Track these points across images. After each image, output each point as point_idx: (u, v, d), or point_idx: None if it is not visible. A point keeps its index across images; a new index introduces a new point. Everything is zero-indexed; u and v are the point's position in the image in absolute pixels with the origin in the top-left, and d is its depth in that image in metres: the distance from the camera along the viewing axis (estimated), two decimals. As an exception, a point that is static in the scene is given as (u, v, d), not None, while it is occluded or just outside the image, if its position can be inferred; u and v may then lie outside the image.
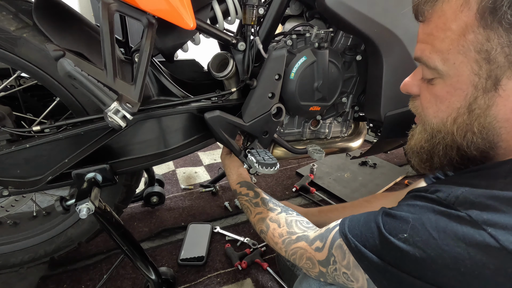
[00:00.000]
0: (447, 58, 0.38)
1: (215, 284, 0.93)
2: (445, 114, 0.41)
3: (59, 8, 0.68)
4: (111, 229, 0.71)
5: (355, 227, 0.45)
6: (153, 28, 0.59)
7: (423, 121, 0.46)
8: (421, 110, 0.46)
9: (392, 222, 0.39)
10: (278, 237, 0.60)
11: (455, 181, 0.40)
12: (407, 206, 0.40)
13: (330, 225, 0.51)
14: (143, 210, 1.26)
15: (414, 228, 0.36)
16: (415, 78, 0.47)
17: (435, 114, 0.43)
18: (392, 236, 0.38)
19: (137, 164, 0.77)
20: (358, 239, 0.43)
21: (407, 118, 0.87)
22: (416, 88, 0.46)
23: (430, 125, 0.44)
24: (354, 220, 0.46)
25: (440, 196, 0.37)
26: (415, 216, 0.37)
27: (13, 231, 0.89)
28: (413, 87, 0.47)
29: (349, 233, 0.44)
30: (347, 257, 0.44)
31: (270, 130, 0.82)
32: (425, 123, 0.45)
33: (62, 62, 0.49)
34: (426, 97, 0.44)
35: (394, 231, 0.38)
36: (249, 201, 0.71)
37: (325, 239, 0.49)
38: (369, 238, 0.41)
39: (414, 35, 0.77)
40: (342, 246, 0.45)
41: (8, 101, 0.81)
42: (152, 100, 0.77)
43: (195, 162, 1.69)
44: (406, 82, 0.48)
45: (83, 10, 2.19)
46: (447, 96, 0.40)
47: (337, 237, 0.47)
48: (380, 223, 0.41)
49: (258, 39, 0.75)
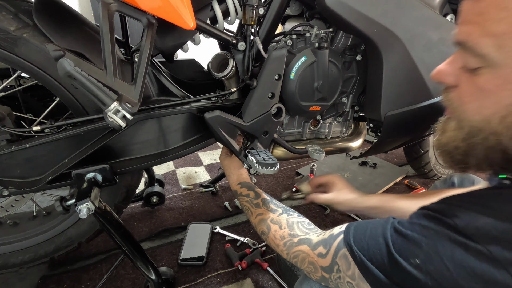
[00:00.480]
0: (503, 44, 0.32)
1: (215, 284, 0.93)
2: (491, 111, 0.35)
3: (59, 8, 0.68)
4: (111, 229, 0.71)
5: (361, 239, 0.42)
6: (153, 28, 0.59)
7: (459, 117, 0.39)
8: (458, 105, 0.39)
9: (402, 242, 0.37)
10: (280, 239, 0.59)
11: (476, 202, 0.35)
12: (420, 227, 0.36)
13: (334, 231, 0.49)
14: (143, 210, 1.26)
15: (427, 255, 0.34)
16: (453, 66, 0.39)
17: (478, 110, 0.36)
18: (402, 258, 0.36)
19: (137, 164, 0.77)
20: (365, 253, 0.41)
21: (407, 118, 0.88)
22: (453, 78, 0.39)
23: (469, 122, 0.38)
24: (360, 229, 0.44)
25: (458, 223, 0.33)
26: (429, 241, 0.34)
27: (13, 231, 0.88)
28: (449, 76, 0.40)
29: (354, 245, 0.42)
30: (352, 268, 0.43)
31: (270, 130, 0.82)
32: (462, 120, 0.39)
33: (62, 62, 0.49)
34: (467, 90, 0.37)
35: (404, 253, 0.36)
36: (249, 202, 0.71)
37: (329, 246, 0.48)
38: (376, 254, 0.39)
39: (414, 35, 0.78)
40: (347, 257, 0.43)
41: (8, 101, 0.81)
42: (152, 100, 0.77)
43: (195, 162, 1.69)
44: (440, 70, 0.41)
45: (83, 10, 2.19)
46: (496, 90, 0.34)
47: (341, 246, 0.45)
48: (389, 240, 0.38)
49: (258, 39, 0.75)
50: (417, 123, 0.90)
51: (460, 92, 0.38)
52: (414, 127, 0.92)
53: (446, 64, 0.40)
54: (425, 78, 0.80)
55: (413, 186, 1.45)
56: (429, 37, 0.78)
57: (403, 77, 0.81)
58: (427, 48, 0.78)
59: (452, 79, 0.39)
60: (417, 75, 0.80)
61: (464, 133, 0.38)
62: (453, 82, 0.39)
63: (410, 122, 0.89)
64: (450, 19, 0.83)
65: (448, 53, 0.79)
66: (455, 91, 0.39)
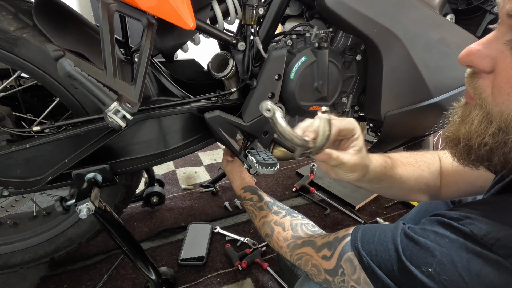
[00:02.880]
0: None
1: (215, 284, 0.93)
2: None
3: (59, 8, 0.68)
4: (111, 229, 0.71)
5: (369, 243, 0.41)
6: (153, 28, 0.59)
7: (488, 108, 0.34)
8: (488, 94, 0.33)
9: (414, 250, 0.35)
10: (283, 241, 0.59)
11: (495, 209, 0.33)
12: (434, 234, 0.35)
13: (339, 234, 0.48)
14: (143, 210, 1.26)
15: (441, 264, 0.32)
16: (490, 48, 0.33)
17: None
18: (413, 266, 0.34)
19: (137, 164, 0.77)
20: (373, 258, 0.39)
21: (407, 118, 0.88)
22: (489, 61, 0.33)
23: (501, 116, 0.32)
24: (368, 233, 0.42)
25: (475, 231, 0.31)
26: (443, 250, 0.32)
27: (13, 231, 0.88)
28: (484, 59, 0.33)
29: (362, 249, 0.41)
30: (357, 273, 0.41)
31: (270, 130, 0.82)
32: (491, 112, 0.33)
33: (62, 62, 0.49)
34: (506, 76, 0.31)
35: (416, 261, 0.34)
36: (253, 205, 0.71)
37: (334, 248, 0.47)
38: (385, 260, 0.37)
39: (414, 35, 0.78)
40: (353, 261, 0.42)
41: (8, 101, 0.81)
42: (152, 100, 0.77)
43: (195, 162, 1.69)
44: (473, 51, 0.34)
45: (83, 10, 2.19)
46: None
47: (347, 249, 0.44)
48: (399, 246, 0.36)
49: (258, 39, 0.75)
50: (417, 123, 0.90)
51: (495, 79, 0.32)
52: (414, 127, 0.92)
53: (480, 45, 0.34)
54: (425, 78, 0.80)
55: (413, 186, 1.45)
56: (429, 37, 0.78)
57: (403, 77, 0.81)
58: (427, 48, 0.78)
59: (487, 63, 0.33)
60: (417, 75, 0.80)
61: (494, 128, 0.33)
62: (487, 67, 0.33)
63: (410, 122, 0.89)
64: (450, 19, 0.83)
65: (448, 53, 0.80)
66: (487, 77, 0.33)
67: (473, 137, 0.35)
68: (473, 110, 0.36)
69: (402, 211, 1.28)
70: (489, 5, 0.81)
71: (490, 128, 0.33)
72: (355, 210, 1.27)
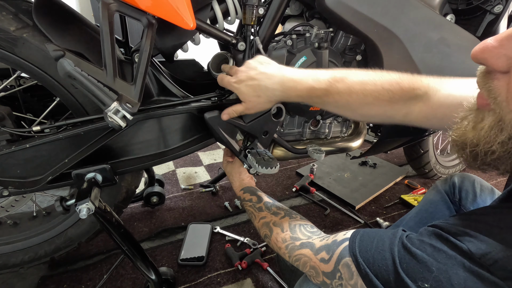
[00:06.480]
0: None
1: (215, 284, 0.93)
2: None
3: (59, 8, 0.68)
4: (111, 229, 0.71)
5: (367, 250, 0.41)
6: (153, 28, 0.59)
7: (500, 114, 0.31)
8: (503, 99, 0.30)
9: (411, 263, 0.35)
10: (282, 242, 0.59)
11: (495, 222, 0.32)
12: (431, 248, 0.34)
13: (338, 237, 0.48)
14: (143, 210, 1.26)
15: (438, 281, 0.31)
16: (507, 46, 0.29)
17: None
18: (409, 279, 0.34)
19: (137, 164, 0.77)
20: (370, 266, 0.39)
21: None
22: (505, 61, 0.29)
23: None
24: (366, 239, 0.42)
25: (472, 250, 0.31)
26: (440, 266, 0.32)
27: (13, 231, 0.88)
28: (499, 58, 0.30)
29: (359, 256, 0.41)
30: (355, 278, 0.42)
31: (270, 130, 0.81)
32: (503, 119, 0.30)
33: (62, 62, 0.49)
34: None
35: (412, 275, 0.34)
36: (252, 206, 0.71)
37: (332, 252, 0.47)
38: (382, 270, 0.37)
39: (414, 35, 0.78)
40: (350, 266, 0.42)
41: (8, 101, 0.81)
42: (152, 100, 0.77)
43: (195, 162, 1.69)
44: (489, 47, 0.30)
45: (83, 10, 2.19)
46: None
47: (345, 254, 0.44)
48: (396, 257, 0.36)
49: (258, 39, 0.75)
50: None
51: (510, 82, 0.29)
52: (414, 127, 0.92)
53: (497, 41, 0.30)
54: (425, 78, 0.80)
55: (413, 186, 1.45)
56: (429, 37, 0.78)
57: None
58: (427, 48, 0.78)
59: (503, 62, 0.30)
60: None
61: (505, 136, 0.31)
62: (504, 67, 0.30)
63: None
64: (450, 19, 0.83)
65: (448, 53, 0.80)
66: (503, 78, 0.30)
67: (481, 144, 0.33)
68: (487, 117, 0.33)
69: (402, 211, 1.28)
70: (489, 5, 0.80)
71: (500, 136, 0.31)
72: (355, 210, 1.27)
